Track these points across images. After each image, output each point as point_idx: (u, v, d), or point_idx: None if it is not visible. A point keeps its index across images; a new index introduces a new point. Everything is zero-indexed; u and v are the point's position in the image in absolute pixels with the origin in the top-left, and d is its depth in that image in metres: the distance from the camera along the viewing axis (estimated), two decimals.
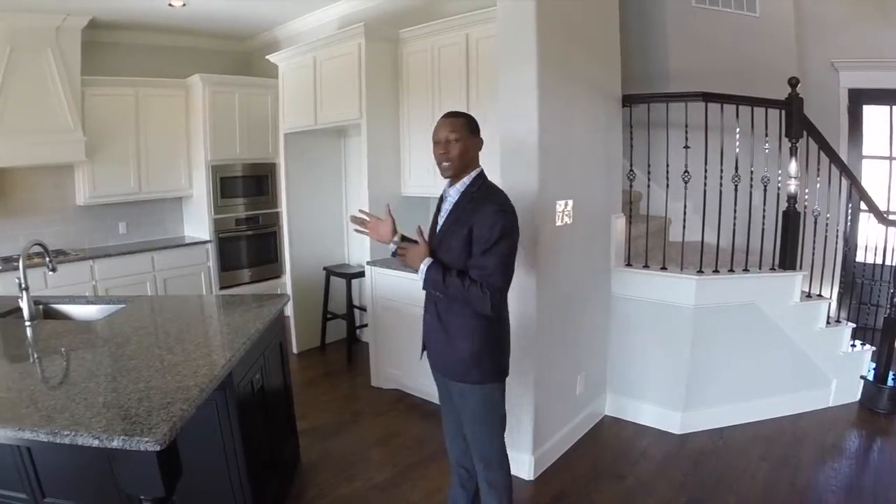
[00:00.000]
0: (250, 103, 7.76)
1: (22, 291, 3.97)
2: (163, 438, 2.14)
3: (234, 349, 3.13)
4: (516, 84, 3.92)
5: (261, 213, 8.07)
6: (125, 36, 7.76)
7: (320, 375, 6.35)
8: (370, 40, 5.59)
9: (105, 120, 7.18)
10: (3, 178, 6.97)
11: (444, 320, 3.01)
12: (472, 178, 2.96)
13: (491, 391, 3.01)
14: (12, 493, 3.74)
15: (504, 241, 2.78)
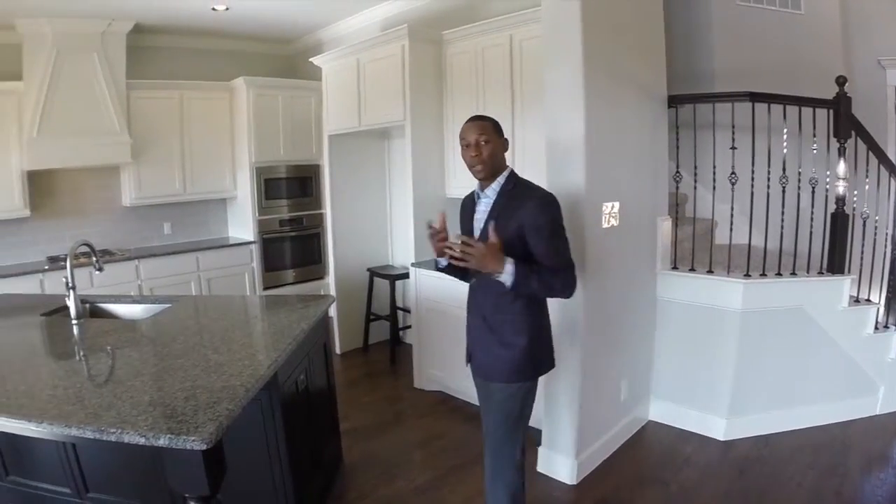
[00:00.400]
0: (294, 105, 7.79)
1: (69, 290, 4.03)
2: (209, 437, 2.14)
3: (279, 349, 3.13)
4: (562, 85, 3.89)
5: (304, 215, 8.11)
6: (169, 40, 7.87)
7: (363, 376, 6.35)
8: (414, 42, 5.58)
9: (150, 122, 7.29)
10: (51, 179, 7.12)
11: (491, 319, 3.02)
12: (506, 177, 3.00)
13: (525, 389, 3.03)
14: (57, 488, 3.79)
15: (559, 224, 2.91)
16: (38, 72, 6.51)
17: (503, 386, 3.00)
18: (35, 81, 6.51)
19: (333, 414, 4.41)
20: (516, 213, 2.87)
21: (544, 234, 2.84)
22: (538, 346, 3.03)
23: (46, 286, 6.44)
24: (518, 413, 3.03)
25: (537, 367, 3.05)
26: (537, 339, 3.02)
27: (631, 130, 4.36)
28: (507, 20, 5.07)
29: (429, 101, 5.74)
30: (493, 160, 2.94)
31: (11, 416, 2.48)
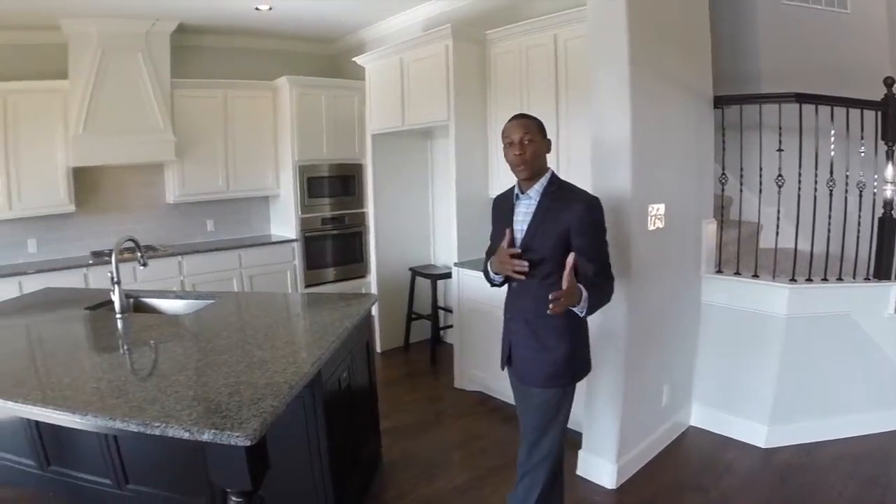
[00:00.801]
0: (337, 104, 7.81)
1: (114, 285, 4.08)
2: (253, 434, 2.14)
3: (323, 347, 3.13)
4: (608, 85, 3.83)
5: (347, 213, 8.12)
6: (213, 40, 7.93)
7: (403, 375, 6.35)
8: (457, 41, 5.55)
9: (194, 121, 7.36)
10: (95, 176, 7.23)
11: (534, 324, 2.98)
12: (548, 179, 2.99)
13: (562, 395, 3.01)
14: (97, 479, 3.89)
15: (603, 229, 2.93)
16: (83, 71, 6.61)
17: (541, 391, 2.99)
18: (80, 80, 6.61)
19: (374, 412, 4.40)
20: (561, 216, 2.85)
21: (590, 238, 2.85)
22: (578, 352, 3.03)
23: (90, 280, 6.56)
24: (555, 416, 3.01)
25: (575, 373, 3.05)
26: (578, 345, 3.02)
27: (676, 131, 4.29)
28: (551, 20, 5.02)
29: (472, 101, 5.70)
30: (535, 160, 2.93)
31: (57, 408, 2.50)
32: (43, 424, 3.91)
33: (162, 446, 3.56)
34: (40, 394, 2.67)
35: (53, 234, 7.09)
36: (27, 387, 2.80)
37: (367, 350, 4.22)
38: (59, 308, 4.61)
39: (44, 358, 3.37)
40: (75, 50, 6.65)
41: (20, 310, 4.66)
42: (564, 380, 2.97)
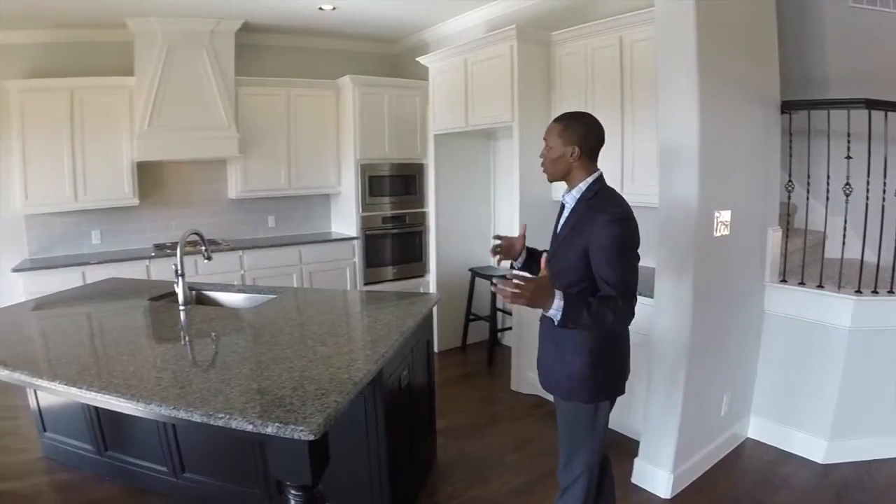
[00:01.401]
0: (399, 104, 7.80)
1: (178, 277, 4.14)
2: (317, 429, 2.14)
3: (386, 345, 3.13)
4: (676, 88, 3.76)
5: (407, 213, 8.10)
6: (276, 38, 8.01)
7: (460, 376, 6.33)
8: (522, 42, 5.50)
9: (257, 118, 7.44)
10: (159, 170, 7.38)
11: (556, 333, 2.82)
12: (588, 184, 2.81)
13: (585, 411, 2.86)
14: (154, 466, 4.00)
15: (626, 250, 2.64)
16: (149, 68, 6.74)
17: (564, 402, 2.91)
18: (146, 77, 6.74)
19: (431, 412, 4.39)
20: (586, 228, 2.69)
21: (606, 255, 2.60)
22: (599, 370, 2.80)
23: (152, 272, 6.68)
24: (583, 432, 2.89)
25: (596, 392, 2.83)
26: (599, 362, 2.79)
27: (743, 137, 4.19)
28: (618, 21, 4.95)
29: (537, 103, 5.65)
30: (552, 167, 2.85)
31: (121, 396, 2.54)
32: (102, 410, 4.02)
33: (219, 437, 3.62)
34: (105, 381, 2.71)
35: (117, 227, 7.27)
36: (92, 374, 2.86)
37: (428, 350, 4.22)
38: (123, 298, 4.70)
39: (108, 346, 3.43)
40: (141, 48, 6.78)
41: (86, 298, 4.77)
42: (581, 395, 2.81)
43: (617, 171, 4.95)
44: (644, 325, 4.19)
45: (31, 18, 6.41)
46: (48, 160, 6.57)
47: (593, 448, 2.91)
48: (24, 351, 3.41)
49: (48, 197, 6.62)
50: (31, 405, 4.65)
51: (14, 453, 4.76)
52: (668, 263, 3.89)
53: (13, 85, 6.44)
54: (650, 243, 4.72)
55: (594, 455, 2.92)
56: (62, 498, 4.13)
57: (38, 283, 6.12)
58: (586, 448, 2.89)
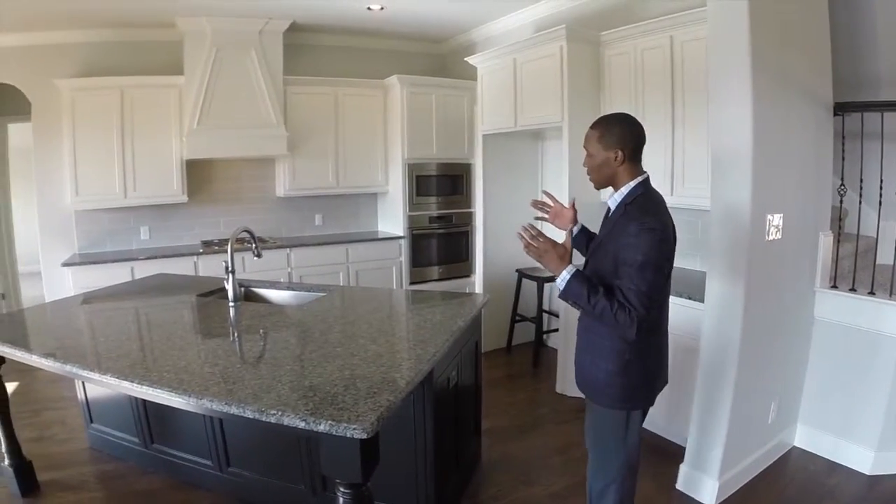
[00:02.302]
0: (447, 104, 7.78)
1: (228, 274, 4.18)
2: (370, 427, 2.14)
3: (437, 345, 3.12)
4: (729, 91, 3.70)
5: (454, 213, 8.07)
6: (325, 38, 8.06)
7: (504, 377, 6.31)
8: (572, 42, 5.46)
9: (305, 117, 7.47)
10: (207, 168, 7.47)
11: (588, 334, 2.87)
12: (630, 188, 2.74)
13: (616, 418, 2.82)
14: (199, 459, 4.05)
15: (648, 265, 2.53)
16: (198, 67, 6.82)
17: (591, 405, 2.92)
18: (196, 76, 6.82)
19: (477, 413, 4.38)
20: (620, 233, 2.64)
21: (626, 266, 2.54)
22: (627, 378, 2.75)
23: (200, 268, 6.76)
24: (609, 442, 2.87)
25: (626, 400, 2.80)
26: (628, 370, 2.74)
27: (796, 139, 4.10)
28: (668, 21, 4.89)
29: (586, 103, 5.59)
30: (597, 174, 2.82)
31: (173, 391, 2.57)
32: (149, 403, 4.08)
33: (265, 432, 3.65)
34: (157, 376, 2.74)
35: (165, 223, 7.38)
36: (143, 368, 2.90)
37: (476, 350, 4.20)
38: (172, 293, 4.76)
39: (159, 341, 3.45)
40: (190, 47, 6.87)
41: (136, 293, 4.85)
42: (611, 400, 2.79)
43: (667, 174, 4.89)
44: (694, 329, 4.14)
45: (83, 18, 6.51)
46: (98, 157, 6.68)
47: (626, 461, 2.86)
48: (75, 344, 3.46)
49: (98, 193, 6.74)
50: (79, 396, 4.74)
51: (60, 443, 4.85)
52: (720, 267, 3.82)
53: (65, 84, 6.57)
54: (700, 246, 4.65)
55: (625, 469, 2.87)
56: (107, 488, 4.19)
57: (87, 278, 6.23)
58: (617, 459, 2.86)
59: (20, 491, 4.01)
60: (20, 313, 4.39)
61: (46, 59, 6.83)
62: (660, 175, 4.71)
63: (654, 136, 2.96)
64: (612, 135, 2.74)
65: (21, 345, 3.35)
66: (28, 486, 4.06)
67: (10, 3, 5.70)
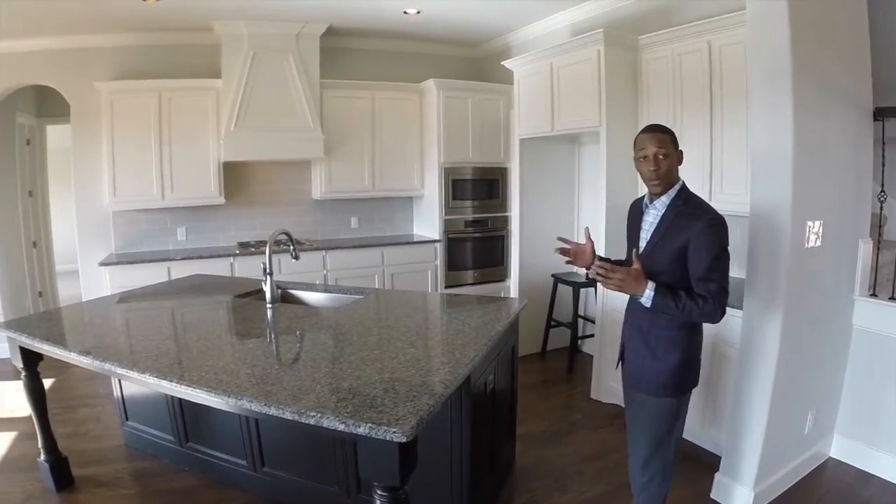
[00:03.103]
0: (483, 108, 7.77)
1: (266, 275, 4.21)
2: (410, 431, 2.14)
3: (476, 349, 3.11)
4: (768, 95, 3.64)
5: (490, 217, 8.05)
6: (361, 42, 8.09)
7: (539, 382, 6.27)
8: (609, 46, 5.43)
9: (342, 120, 7.51)
10: (244, 171, 7.55)
11: (647, 332, 3.00)
12: (676, 191, 2.92)
13: (672, 405, 2.98)
14: (233, 459, 4.07)
15: (723, 253, 2.79)
16: (235, 71, 6.90)
17: (650, 399, 2.98)
18: (233, 79, 6.89)
19: (512, 418, 4.36)
20: (682, 232, 2.81)
21: (705, 258, 2.76)
22: (689, 364, 2.98)
23: (236, 269, 6.80)
24: (668, 428, 3.00)
25: (683, 385, 3.00)
26: (689, 358, 2.97)
27: (835, 145, 4.02)
28: (705, 25, 4.85)
29: (623, 108, 5.56)
30: (669, 175, 2.89)
31: (211, 391, 2.58)
32: (185, 402, 4.11)
33: (300, 433, 3.67)
34: (195, 375, 2.76)
35: (202, 224, 7.47)
36: (182, 367, 2.93)
37: (512, 355, 4.18)
38: (209, 294, 4.80)
39: (197, 341, 3.47)
40: (228, 51, 6.96)
41: (173, 293, 4.91)
42: (670, 390, 2.94)
43: (705, 179, 4.84)
44: (730, 335, 4.11)
45: (121, 22, 6.60)
46: (136, 159, 6.77)
47: (672, 442, 3.03)
48: (113, 342, 3.51)
49: (136, 194, 6.83)
50: (115, 394, 4.80)
51: (96, 440, 4.90)
52: (759, 274, 3.77)
53: (103, 86, 6.68)
54: (738, 253, 4.60)
55: (671, 451, 3.04)
56: (141, 485, 4.23)
57: (124, 277, 6.33)
58: (668, 443, 3.01)
59: (55, 486, 4.06)
60: (57, 311, 4.46)
61: (85, 61, 6.95)
62: (698, 180, 4.67)
63: (692, 142, 2.99)
64: (676, 138, 2.93)
65: (59, 342, 3.39)
66: (63, 481, 4.12)
67: (49, 7, 5.79)
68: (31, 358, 3.81)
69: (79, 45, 6.91)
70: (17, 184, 7.89)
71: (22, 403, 5.34)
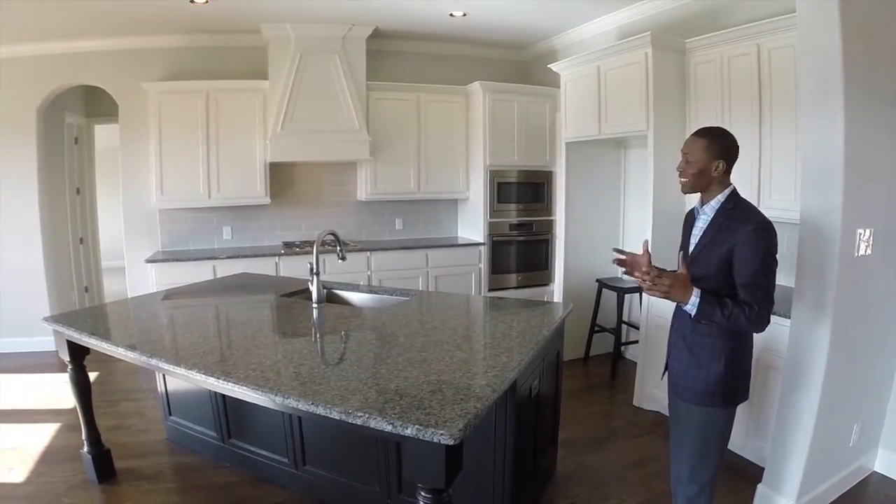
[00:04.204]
0: (528, 111, 7.75)
1: (313, 275, 4.25)
2: (458, 434, 2.13)
3: (523, 353, 3.09)
4: (819, 99, 3.57)
5: (534, 220, 8.02)
6: (406, 45, 8.11)
7: (581, 388, 6.22)
8: (657, 49, 5.39)
9: (387, 122, 7.54)
10: (290, 171, 7.62)
11: (690, 340, 2.97)
12: (726, 196, 2.89)
13: (720, 416, 2.94)
14: (275, 456, 4.10)
15: (769, 259, 2.75)
16: (282, 72, 6.96)
17: (695, 409, 2.95)
18: (280, 81, 6.96)
19: (555, 422, 4.34)
20: (729, 237, 2.79)
21: (750, 263, 2.72)
22: (735, 374, 2.90)
23: (281, 269, 6.85)
24: (715, 439, 2.96)
25: (730, 396, 2.92)
26: (735, 367, 2.90)
27: (887, 151, 3.92)
28: (755, 28, 4.78)
29: (671, 111, 5.51)
30: (695, 179, 2.90)
31: (259, 389, 2.60)
32: (228, 399, 4.15)
33: (343, 433, 3.66)
34: (243, 373, 2.77)
35: (247, 224, 7.55)
36: (229, 364, 2.95)
37: (557, 360, 4.16)
38: (255, 292, 4.85)
39: (244, 339, 3.50)
40: (275, 52, 7.03)
41: (220, 291, 4.97)
42: (716, 400, 2.89)
43: (753, 185, 4.78)
44: (777, 345, 4.04)
45: (170, 23, 6.71)
46: (183, 158, 6.87)
47: (720, 455, 2.99)
48: (160, 338, 3.56)
49: (182, 193, 6.94)
50: (159, 389, 4.85)
51: (138, 433, 4.97)
52: (807, 283, 3.69)
53: (152, 87, 6.80)
54: (786, 260, 4.52)
55: (718, 465, 3.00)
56: (182, 479, 4.28)
57: (170, 275, 6.43)
58: (715, 456, 2.97)
59: (97, 477, 4.13)
60: (104, 307, 4.55)
61: (134, 62, 7.08)
62: (746, 186, 4.59)
63: (740, 146, 2.92)
64: (718, 146, 2.86)
65: (106, 337, 3.44)
66: (105, 473, 4.19)
67: (99, 8, 5.88)
68: (78, 352, 3.87)
69: (127, 46, 7.04)
70: (65, 182, 8.05)
71: (65, 395, 5.46)
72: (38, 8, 5.73)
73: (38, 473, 4.32)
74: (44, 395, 5.84)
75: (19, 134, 7.04)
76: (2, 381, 6.27)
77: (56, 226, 7.65)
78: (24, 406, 5.62)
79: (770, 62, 4.71)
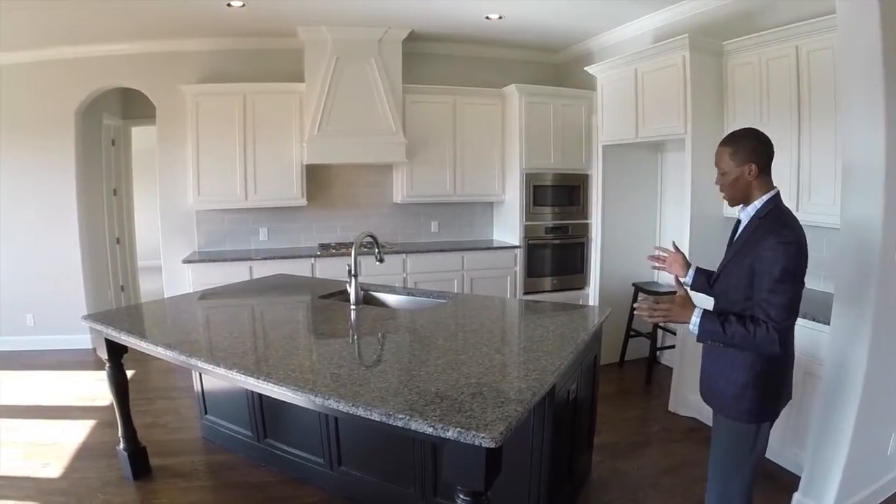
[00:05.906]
0: (565, 114, 7.73)
1: (351, 277, 4.27)
2: (499, 437, 2.12)
3: (562, 357, 3.07)
4: (860, 102, 3.51)
5: (570, 224, 8.00)
6: (442, 47, 8.12)
7: (616, 392, 6.19)
8: (694, 52, 5.34)
9: (424, 125, 7.56)
10: (326, 173, 7.68)
11: (715, 350, 2.88)
12: (763, 203, 2.76)
13: (745, 431, 2.80)
14: (310, 456, 4.12)
15: (788, 277, 2.56)
16: (318, 75, 7.01)
17: (723, 420, 2.88)
18: (316, 83, 7.01)
19: (591, 427, 4.32)
20: (754, 247, 2.66)
21: (766, 280, 2.58)
22: (761, 388, 2.76)
23: (317, 270, 6.90)
24: (741, 454, 2.83)
25: (755, 412, 2.78)
26: (757, 382, 2.75)
27: None
28: (793, 30, 4.71)
29: (709, 114, 5.46)
30: (732, 189, 2.82)
31: (298, 389, 2.61)
32: (265, 399, 4.19)
33: (379, 434, 3.67)
34: (283, 374, 2.78)
35: (283, 225, 7.61)
36: (269, 365, 2.96)
37: (594, 364, 4.14)
38: (292, 293, 4.89)
39: (282, 339, 3.52)
40: (311, 55, 7.08)
41: (257, 292, 5.00)
42: (744, 413, 2.77)
43: (793, 189, 4.70)
44: (816, 351, 3.99)
45: (207, 26, 6.78)
46: (220, 160, 6.95)
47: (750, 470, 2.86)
48: (198, 338, 3.60)
49: (219, 194, 7.01)
50: (195, 388, 4.90)
51: (173, 431, 5.04)
52: (847, 289, 3.63)
53: (189, 89, 6.89)
54: (825, 265, 4.44)
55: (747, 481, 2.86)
56: (217, 478, 4.33)
57: (206, 275, 6.49)
58: (742, 475, 2.85)
59: (132, 474, 4.18)
60: (140, 306, 4.61)
61: (171, 65, 7.19)
62: (784, 190, 4.47)
63: (778, 150, 2.86)
64: (743, 149, 2.76)
65: (145, 336, 3.49)
66: (141, 470, 4.24)
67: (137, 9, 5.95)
68: (116, 350, 3.91)
69: (165, 49, 7.14)
70: (102, 182, 8.17)
71: (102, 392, 5.54)
72: (76, 11, 5.83)
73: (73, 469, 4.39)
74: (80, 392, 5.93)
75: (58, 136, 7.18)
76: (39, 378, 6.39)
77: (93, 226, 7.78)
78: (61, 403, 5.70)
79: (809, 64, 4.64)
